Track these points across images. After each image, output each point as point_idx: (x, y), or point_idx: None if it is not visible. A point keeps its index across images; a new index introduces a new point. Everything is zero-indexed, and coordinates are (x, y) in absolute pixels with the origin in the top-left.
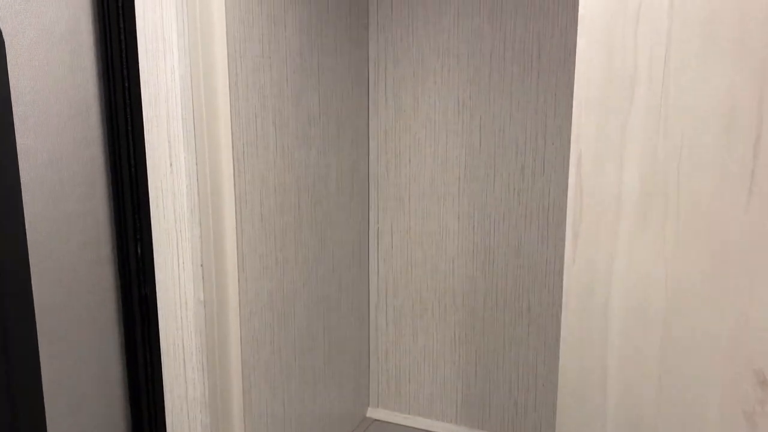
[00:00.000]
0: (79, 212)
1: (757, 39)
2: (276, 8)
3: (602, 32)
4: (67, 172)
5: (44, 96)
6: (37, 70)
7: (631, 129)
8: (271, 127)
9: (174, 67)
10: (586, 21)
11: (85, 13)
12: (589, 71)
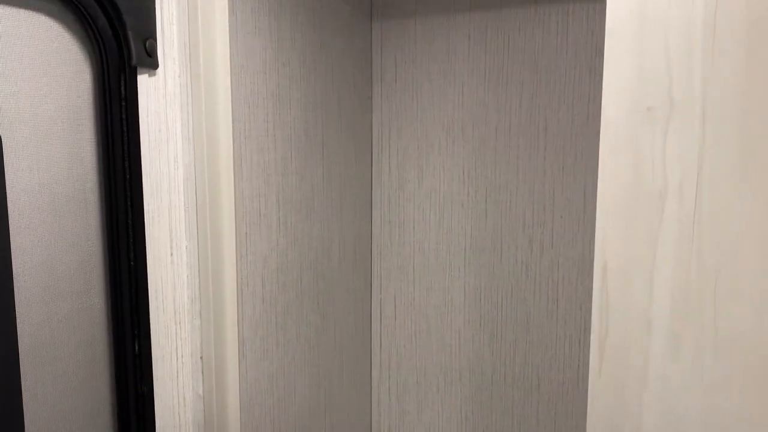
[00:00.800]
0: (74, 311)
1: None
2: (281, 88)
3: (627, 142)
4: (62, 270)
5: (40, 192)
6: (35, 167)
7: (661, 246)
8: (275, 205)
9: (177, 156)
10: (610, 128)
11: (87, 105)
12: (613, 183)
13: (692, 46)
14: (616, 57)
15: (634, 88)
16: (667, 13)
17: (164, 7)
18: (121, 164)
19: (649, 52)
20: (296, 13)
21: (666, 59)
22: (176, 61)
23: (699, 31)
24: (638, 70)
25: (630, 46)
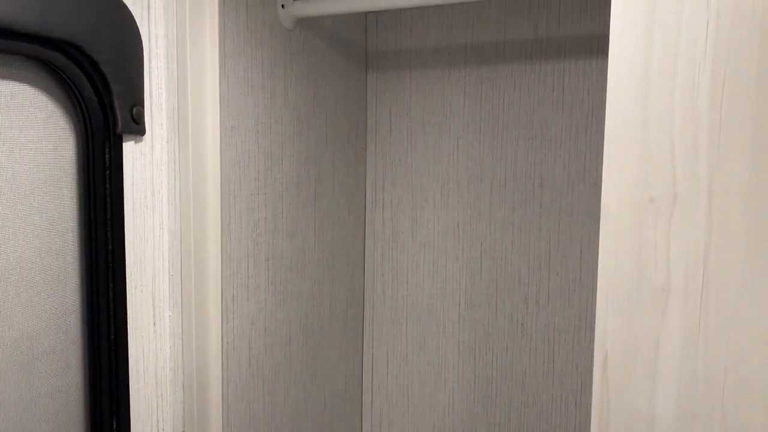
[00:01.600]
0: (51, 391)
1: None
2: (273, 145)
3: (629, 233)
4: (39, 348)
5: (17, 268)
6: (11, 241)
7: (665, 342)
8: (264, 264)
9: (163, 222)
10: (610, 215)
11: (69, 174)
12: (614, 274)
13: (697, 138)
14: (616, 141)
15: (635, 176)
16: (671, 103)
17: (153, 72)
18: (103, 235)
19: (652, 141)
20: (290, 70)
21: (670, 150)
22: (164, 126)
23: (704, 123)
24: (640, 157)
25: (632, 132)
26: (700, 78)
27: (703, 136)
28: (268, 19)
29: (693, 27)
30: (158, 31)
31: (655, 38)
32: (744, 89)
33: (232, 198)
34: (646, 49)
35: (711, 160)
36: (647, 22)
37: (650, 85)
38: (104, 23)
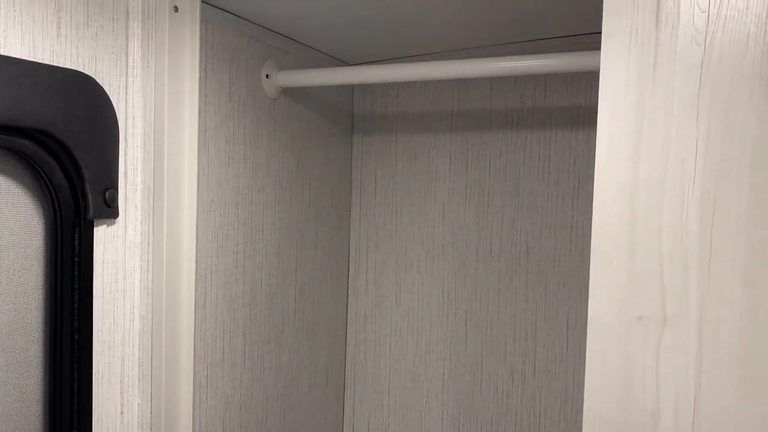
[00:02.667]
0: None
1: None
2: (254, 215)
3: (617, 351)
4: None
5: None
6: None
7: None
8: (241, 340)
9: (134, 307)
10: (597, 331)
11: (36, 262)
12: (601, 394)
13: (687, 261)
14: (603, 258)
15: (623, 294)
16: (660, 223)
17: (129, 152)
18: (69, 323)
19: (640, 261)
20: (274, 138)
21: (659, 272)
22: (138, 207)
23: (694, 247)
24: (628, 276)
25: (619, 251)
26: (689, 199)
27: (693, 260)
28: (252, 89)
29: (681, 146)
30: (135, 112)
31: (642, 155)
32: (735, 214)
33: (209, 274)
34: (633, 167)
35: (701, 286)
36: (634, 139)
37: (637, 205)
38: (77, 107)
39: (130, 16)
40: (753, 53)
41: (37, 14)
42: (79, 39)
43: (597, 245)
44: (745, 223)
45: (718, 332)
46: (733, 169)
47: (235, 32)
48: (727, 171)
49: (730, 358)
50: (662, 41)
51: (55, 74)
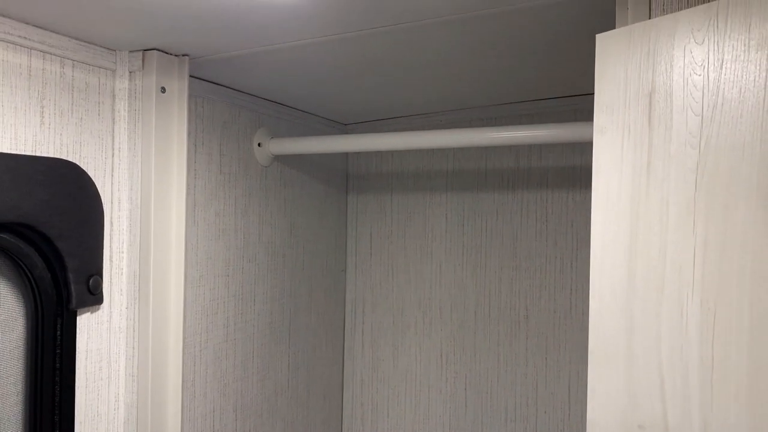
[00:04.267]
0: None
1: None
2: (246, 286)
3: None
4: None
5: None
6: None
7: None
8: (231, 416)
9: (119, 395)
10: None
11: (16, 355)
12: None
13: (688, 374)
14: (601, 363)
15: (623, 400)
16: (659, 332)
17: (115, 236)
18: (50, 417)
19: (640, 368)
20: (266, 204)
21: (659, 382)
22: (124, 292)
23: (695, 359)
24: (627, 383)
25: (618, 357)
26: (688, 309)
27: (695, 372)
28: (243, 159)
29: (679, 252)
30: (121, 194)
31: (638, 259)
32: (737, 328)
33: (198, 351)
34: (629, 270)
35: (703, 399)
36: (629, 240)
37: (635, 309)
38: (59, 196)
39: (116, 99)
40: (749, 162)
41: (20, 105)
42: (63, 126)
43: (594, 348)
44: (747, 339)
45: None
46: (734, 282)
47: (225, 103)
48: (727, 282)
49: None
50: (655, 141)
51: (37, 164)
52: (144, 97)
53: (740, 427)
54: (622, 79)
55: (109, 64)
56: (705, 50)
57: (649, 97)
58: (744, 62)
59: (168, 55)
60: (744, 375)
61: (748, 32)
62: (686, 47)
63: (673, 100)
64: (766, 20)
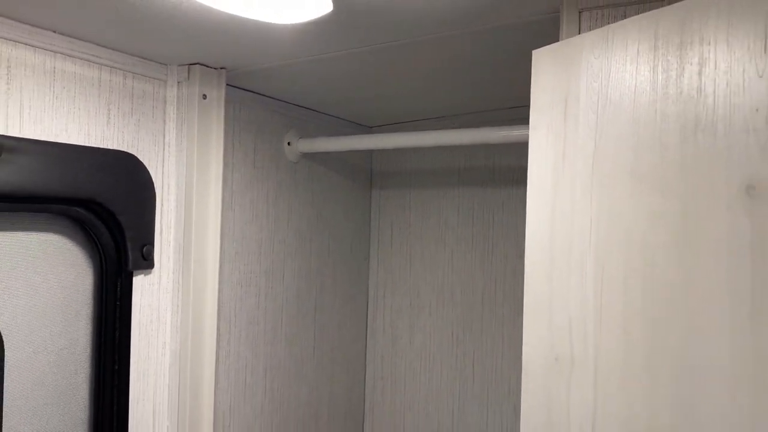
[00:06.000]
0: None
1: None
2: (275, 263)
3: (542, 385)
4: None
5: (33, 388)
6: (31, 362)
7: None
8: (262, 374)
9: (166, 342)
10: (529, 369)
11: (86, 305)
12: (532, 420)
13: (586, 318)
14: (532, 313)
15: (546, 340)
16: (568, 287)
17: (164, 214)
18: (111, 356)
19: (556, 315)
20: (295, 196)
21: (569, 325)
22: (171, 259)
23: (591, 308)
24: (548, 327)
25: (542, 307)
26: (586, 267)
27: (590, 318)
28: (274, 156)
29: (581, 222)
30: (170, 181)
31: (556, 228)
32: (616, 281)
33: (233, 315)
34: (550, 237)
35: (595, 337)
36: (551, 213)
37: (554, 269)
38: (122, 180)
39: (167, 104)
40: (626, 148)
41: (91, 108)
42: (124, 125)
43: (527, 302)
44: (623, 289)
45: (606, 376)
46: (615, 242)
47: (259, 108)
48: (611, 243)
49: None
50: (569, 135)
51: (105, 155)
52: (189, 103)
53: (618, 352)
54: (548, 86)
55: (161, 75)
56: (600, 64)
57: (565, 101)
58: (622, 72)
59: (208, 68)
60: (619, 315)
61: (625, 50)
62: (588, 61)
63: (580, 102)
64: (635, 41)
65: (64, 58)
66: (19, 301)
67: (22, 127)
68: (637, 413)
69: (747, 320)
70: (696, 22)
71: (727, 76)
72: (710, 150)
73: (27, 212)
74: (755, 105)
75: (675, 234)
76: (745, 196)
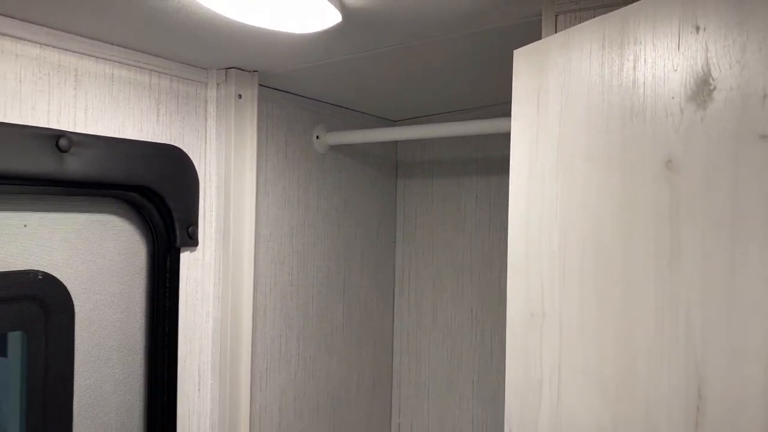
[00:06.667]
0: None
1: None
2: (306, 246)
3: (521, 339)
4: (111, 406)
5: (99, 346)
6: (99, 324)
7: (542, 418)
8: (295, 344)
9: (209, 311)
10: (511, 326)
11: (140, 277)
12: (512, 371)
13: (554, 277)
14: (514, 273)
15: (524, 298)
16: (540, 251)
17: (207, 199)
18: (162, 321)
19: (532, 275)
20: (323, 185)
21: (540, 284)
22: (213, 239)
23: (557, 268)
24: (526, 286)
25: (521, 268)
26: (554, 234)
27: (556, 278)
28: (304, 148)
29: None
30: (211, 170)
31: (531, 201)
32: (575, 242)
33: (268, 290)
34: (527, 208)
35: (561, 295)
36: (527, 189)
37: (530, 236)
38: (169, 169)
39: (207, 103)
40: (580, 132)
41: (143, 108)
42: (171, 122)
43: (510, 266)
44: (581, 253)
45: (568, 327)
46: (574, 212)
47: (290, 106)
48: (572, 213)
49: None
50: (540, 123)
51: (155, 148)
52: (226, 102)
53: (576, 308)
54: (525, 81)
55: (202, 79)
56: (563, 61)
57: (538, 94)
58: (579, 68)
59: (243, 71)
60: (578, 275)
61: (581, 50)
62: (555, 60)
63: (549, 95)
64: (588, 42)
65: (121, 65)
66: (87, 268)
67: (87, 125)
68: (590, 357)
69: (667, 269)
70: (631, 25)
71: (653, 70)
72: (641, 132)
73: (91, 196)
74: (672, 93)
75: (617, 204)
76: (665, 169)
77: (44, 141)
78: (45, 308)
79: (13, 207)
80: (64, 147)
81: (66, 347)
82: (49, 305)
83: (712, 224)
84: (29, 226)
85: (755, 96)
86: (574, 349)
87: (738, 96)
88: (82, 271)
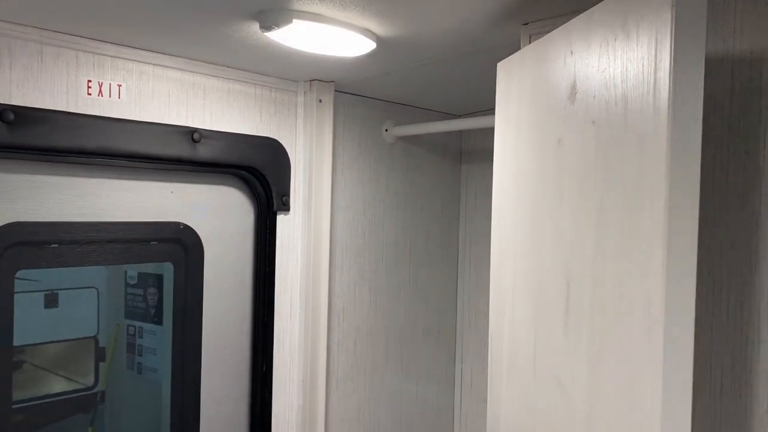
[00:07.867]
0: (232, 349)
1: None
2: (376, 216)
3: (499, 272)
4: (227, 323)
5: (220, 281)
6: (221, 265)
7: (505, 327)
8: (367, 291)
9: (297, 259)
10: (494, 262)
11: (249, 233)
12: (496, 295)
13: (516, 228)
14: (496, 233)
15: (503, 239)
16: (507, 222)
17: (295, 177)
18: (263, 266)
19: (505, 234)
20: (391, 169)
21: (509, 239)
22: (300, 207)
23: (519, 230)
24: (503, 238)
25: (498, 218)
26: (516, 206)
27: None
28: (375, 139)
29: (521, 170)
30: (299, 157)
31: (507, 177)
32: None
33: (345, 247)
34: (501, 185)
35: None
36: (506, 168)
37: (503, 211)
38: (269, 155)
39: (297, 107)
40: (540, 117)
41: (251, 112)
42: (271, 122)
43: (492, 229)
44: (530, 213)
45: (515, 252)
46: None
47: (363, 106)
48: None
49: (527, 274)
50: (510, 118)
51: (259, 140)
52: (310, 105)
53: (525, 257)
54: (503, 85)
55: (293, 88)
56: (522, 71)
57: (508, 94)
58: (524, 76)
59: (322, 82)
60: (529, 233)
61: (533, 62)
62: (517, 70)
63: (511, 95)
64: (552, 49)
65: (234, 81)
66: (212, 223)
67: (212, 124)
68: (525, 272)
69: (557, 205)
70: (550, 50)
71: (554, 80)
72: (553, 116)
73: (214, 173)
74: (566, 88)
75: (538, 171)
76: (558, 146)
77: (184, 135)
78: (185, 249)
79: (164, 178)
80: (197, 139)
81: (198, 277)
82: (188, 247)
83: (581, 178)
84: (174, 192)
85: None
86: (520, 272)
87: (588, 96)
88: (209, 225)
